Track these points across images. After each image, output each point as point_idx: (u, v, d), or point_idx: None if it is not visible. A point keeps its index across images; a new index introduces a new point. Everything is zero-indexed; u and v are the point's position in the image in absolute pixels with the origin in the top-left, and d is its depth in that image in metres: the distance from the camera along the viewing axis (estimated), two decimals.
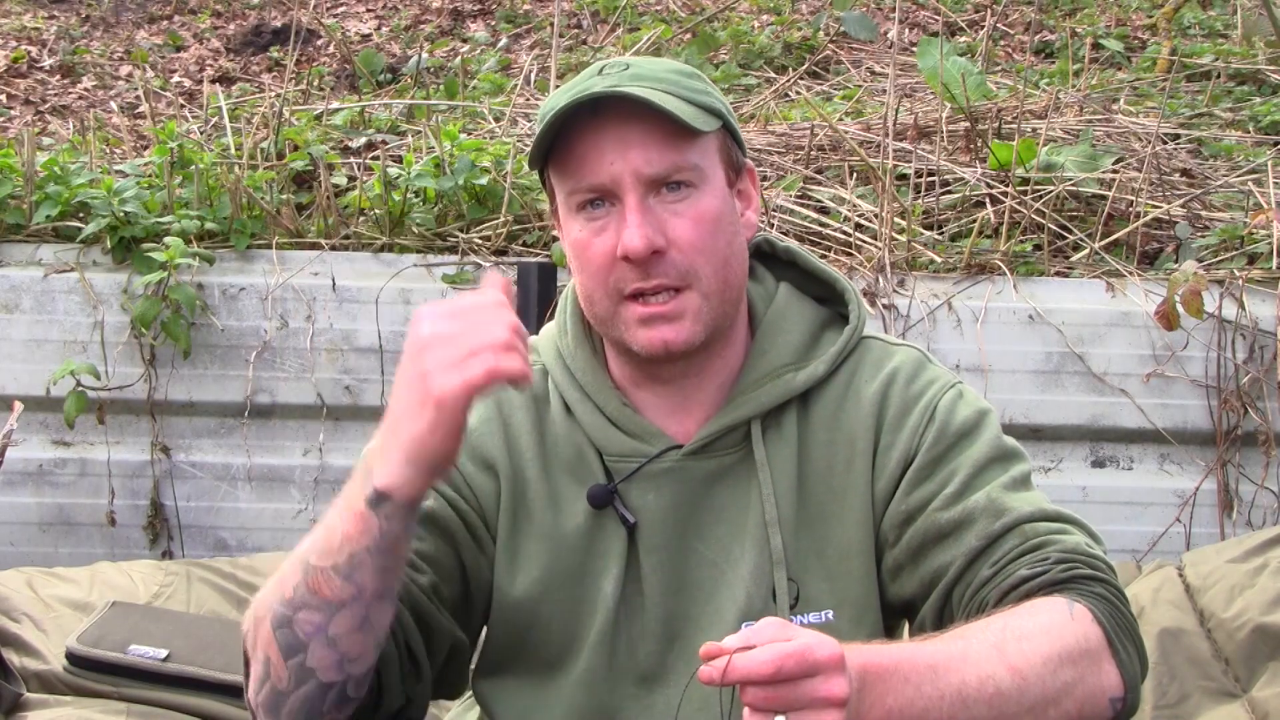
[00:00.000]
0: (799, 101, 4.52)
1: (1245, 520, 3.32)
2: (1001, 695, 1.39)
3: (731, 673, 1.27)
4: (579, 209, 1.58)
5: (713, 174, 1.59)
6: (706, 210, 1.57)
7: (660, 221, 1.55)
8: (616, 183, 1.54)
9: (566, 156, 1.56)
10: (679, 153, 1.55)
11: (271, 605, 1.46)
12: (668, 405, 1.65)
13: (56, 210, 3.47)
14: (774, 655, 1.26)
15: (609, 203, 1.56)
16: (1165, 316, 3.17)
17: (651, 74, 1.57)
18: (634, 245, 1.53)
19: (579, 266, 1.60)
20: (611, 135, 1.54)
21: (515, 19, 5.80)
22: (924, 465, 1.61)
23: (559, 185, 1.60)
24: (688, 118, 1.53)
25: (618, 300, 1.57)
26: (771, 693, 1.27)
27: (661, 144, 1.54)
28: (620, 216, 1.55)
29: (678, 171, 1.55)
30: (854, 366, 1.68)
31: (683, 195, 1.56)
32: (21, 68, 5.31)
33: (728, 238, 1.60)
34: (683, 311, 1.57)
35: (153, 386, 3.38)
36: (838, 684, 1.27)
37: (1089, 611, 1.47)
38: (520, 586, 1.64)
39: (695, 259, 1.56)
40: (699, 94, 1.59)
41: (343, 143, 4.11)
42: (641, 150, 1.53)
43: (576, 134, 1.55)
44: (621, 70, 1.57)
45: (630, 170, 1.54)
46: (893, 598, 1.64)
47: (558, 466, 1.66)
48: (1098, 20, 5.69)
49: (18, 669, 2.50)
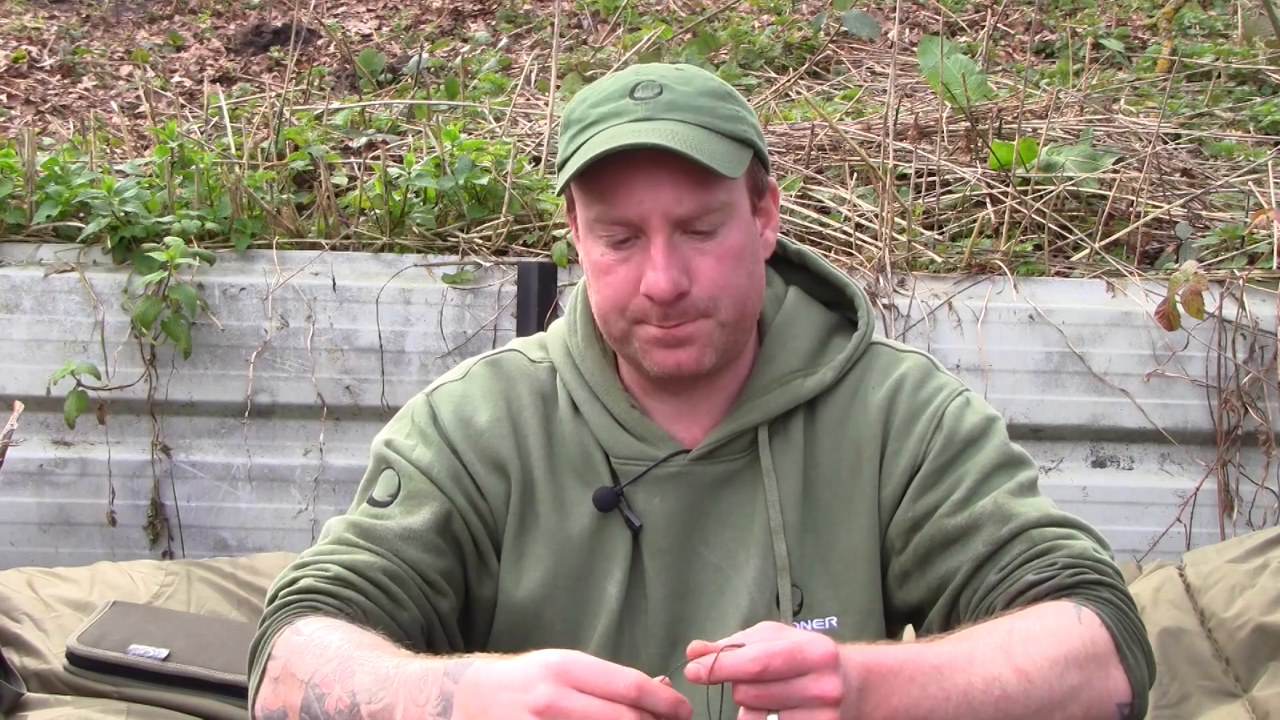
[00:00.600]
0: (799, 101, 4.52)
1: (1246, 520, 3.32)
2: (1008, 697, 1.39)
3: (718, 670, 1.27)
4: (602, 235, 1.56)
5: (739, 205, 1.57)
6: (731, 248, 1.55)
7: (685, 259, 1.53)
8: (645, 221, 1.52)
9: (593, 182, 1.53)
10: (709, 193, 1.52)
11: (309, 692, 1.44)
12: (676, 410, 1.65)
13: (57, 210, 3.46)
14: (760, 653, 1.26)
15: (635, 235, 1.54)
16: (1166, 316, 3.17)
17: (685, 101, 1.53)
18: (660, 289, 1.51)
19: (597, 287, 1.58)
20: (642, 173, 1.50)
21: (515, 19, 5.80)
22: (931, 472, 1.61)
23: (582, 205, 1.57)
24: (720, 164, 1.50)
25: (633, 323, 1.57)
26: (762, 691, 1.27)
27: (693, 184, 1.51)
28: (645, 251, 1.53)
29: (706, 214, 1.52)
30: (861, 373, 1.68)
31: (711, 234, 1.54)
32: (22, 68, 5.31)
33: (749, 268, 1.58)
34: (697, 337, 1.56)
35: (153, 386, 3.38)
36: (830, 683, 1.27)
37: (1096, 616, 1.48)
38: (525, 588, 1.64)
39: (718, 295, 1.55)
40: (732, 122, 1.55)
41: (343, 143, 4.11)
42: (673, 190, 1.51)
43: (606, 164, 1.51)
44: (655, 95, 1.53)
45: (660, 210, 1.51)
46: (899, 604, 1.64)
47: (564, 467, 1.66)
48: (1098, 20, 5.69)
49: (18, 669, 2.50)
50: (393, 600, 1.56)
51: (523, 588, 1.64)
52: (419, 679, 1.37)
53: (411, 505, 1.62)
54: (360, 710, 1.39)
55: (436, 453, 1.65)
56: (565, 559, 1.63)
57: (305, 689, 1.44)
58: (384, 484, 1.65)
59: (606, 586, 1.62)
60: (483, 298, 3.38)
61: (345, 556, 1.58)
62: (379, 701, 1.38)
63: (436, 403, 1.69)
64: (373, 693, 1.39)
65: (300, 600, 1.54)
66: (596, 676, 1.25)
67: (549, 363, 1.71)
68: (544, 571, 1.63)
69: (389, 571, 1.57)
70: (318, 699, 1.43)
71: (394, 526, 1.60)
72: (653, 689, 1.25)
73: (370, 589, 1.56)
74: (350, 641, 1.46)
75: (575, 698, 1.24)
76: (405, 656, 1.43)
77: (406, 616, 1.57)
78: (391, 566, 1.58)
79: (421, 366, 3.37)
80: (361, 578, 1.56)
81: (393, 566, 1.58)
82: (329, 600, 1.54)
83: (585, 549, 1.63)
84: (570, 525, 1.64)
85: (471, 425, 1.66)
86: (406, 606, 1.57)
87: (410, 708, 1.35)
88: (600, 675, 1.25)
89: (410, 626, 1.56)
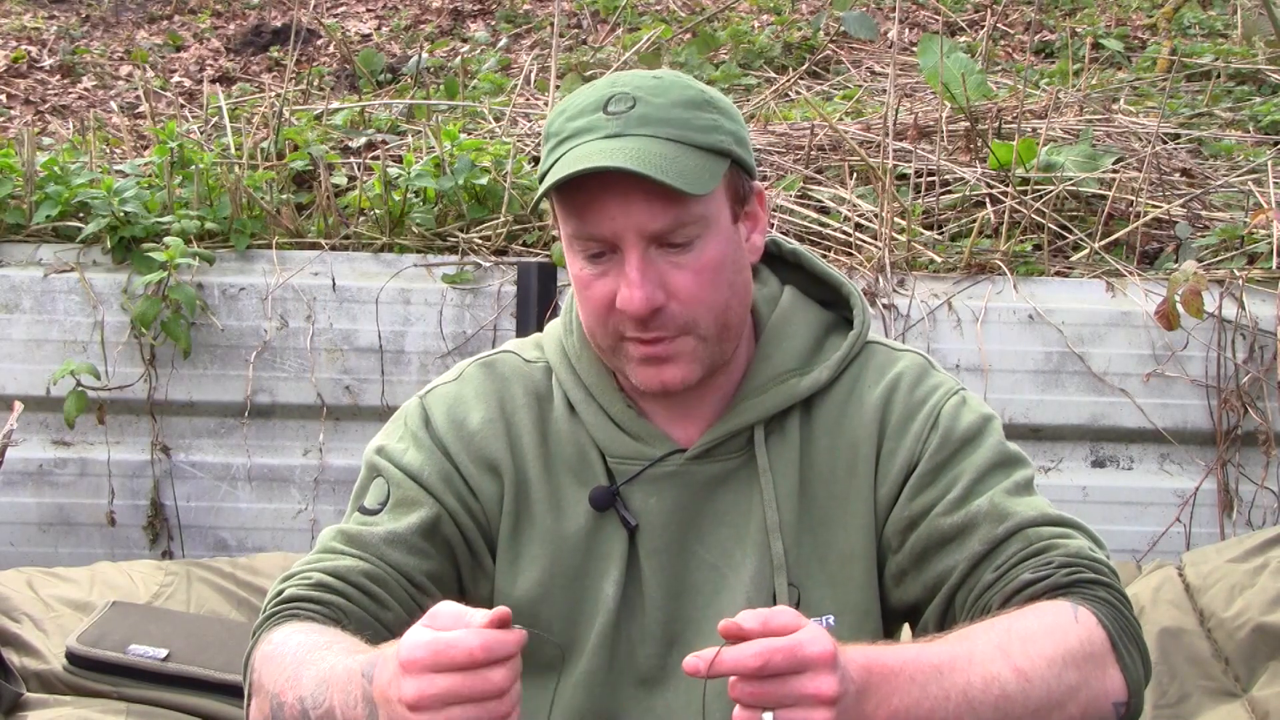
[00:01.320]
0: (799, 101, 4.52)
1: (1245, 520, 3.32)
2: (1007, 697, 1.39)
3: (719, 665, 1.27)
4: (580, 250, 1.56)
5: (718, 216, 1.55)
6: (709, 261, 1.54)
7: (661, 274, 1.53)
8: (618, 237, 1.52)
9: (569, 197, 1.53)
10: (683, 208, 1.51)
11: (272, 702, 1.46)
12: (672, 410, 1.65)
13: (56, 210, 3.47)
14: (762, 649, 1.26)
15: (611, 250, 1.53)
16: (1165, 316, 3.17)
17: (658, 114, 1.52)
18: (633, 306, 1.51)
19: (580, 300, 1.59)
20: (615, 190, 1.50)
21: (515, 19, 5.80)
22: (927, 471, 1.61)
23: (561, 220, 1.58)
24: (689, 182, 1.49)
25: (617, 338, 1.57)
26: (758, 688, 1.27)
27: (665, 202, 1.50)
28: (621, 266, 1.53)
29: (681, 227, 1.52)
30: (858, 372, 1.67)
31: (686, 247, 1.53)
32: (21, 68, 5.31)
33: (729, 279, 1.57)
34: (679, 355, 1.56)
35: (153, 386, 3.38)
36: (826, 682, 1.27)
37: (1093, 615, 1.48)
38: (521, 588, 1.64)
39: (695, 310, 1.54)
40: (707, 132, 1.54)
41: (343, 143, 4.11)
42: (645, 207, 1.50)
43: (579, 179, 1.50)
44: (628, 109, 1.52)
45: (633, 226, 1.51)
46: (895, 603, 1.64)
47: (560, 466, 1.66)
48: (1098, 20, 5.69)
49: (18, 669, 2.50)
50: (375, 601, 1.57)
51: (519, 587, 1.64)
52: (345, 679, 1.39)
53: (400, 512, 1.63)
54: (310, 715, 1.41)
55: (427, 456, 1.65)
56: (561, 558, 1.63)
57: (270, 699, 1.47)
58: (374, 492, 1.66)
59: (603, 586, 1.62)
60: (482, 298, 3.38)
61: (329, 563, 1.60)
62: (321, 706, 1.40)
63: (429, 405, 1.69)
64: (316, 696, 1.41)
65: (282, 610, 1.56)
66: (441, 652, 1.25)
67: (544, 363, 1.71)
68: (540, 571, 1.63)
69: (370, 574, 1.58)
70: (277, 708, 1.45)
71: (380, 532, 1.61)
72: (496, 641, 1.25)
73: (352, 591, 1.57)
74: (306, 644, 1.47)
75: (436, 680, 1.26)
76: (343, 653, 1.44)
77: (391, 617, 1.57)
78: (373, 569, 1.59)
79: (421, 366, 3.37)
80: (343, 581, 1.57)
81: (375, 569, 1.59)
82: (309, 606, 1.55)
83: (581, 548, 1.63)
84: (566, 525, 1.64)
85: (464, 427, 1.66)
86: (390, 607, 1.58)
87: (346, 709, 1.37)
88: (444, 650, 1.25)
89: (396, 626, 1.56)
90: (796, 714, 1.27)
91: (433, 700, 1.25)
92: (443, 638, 1.26)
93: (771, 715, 1.27)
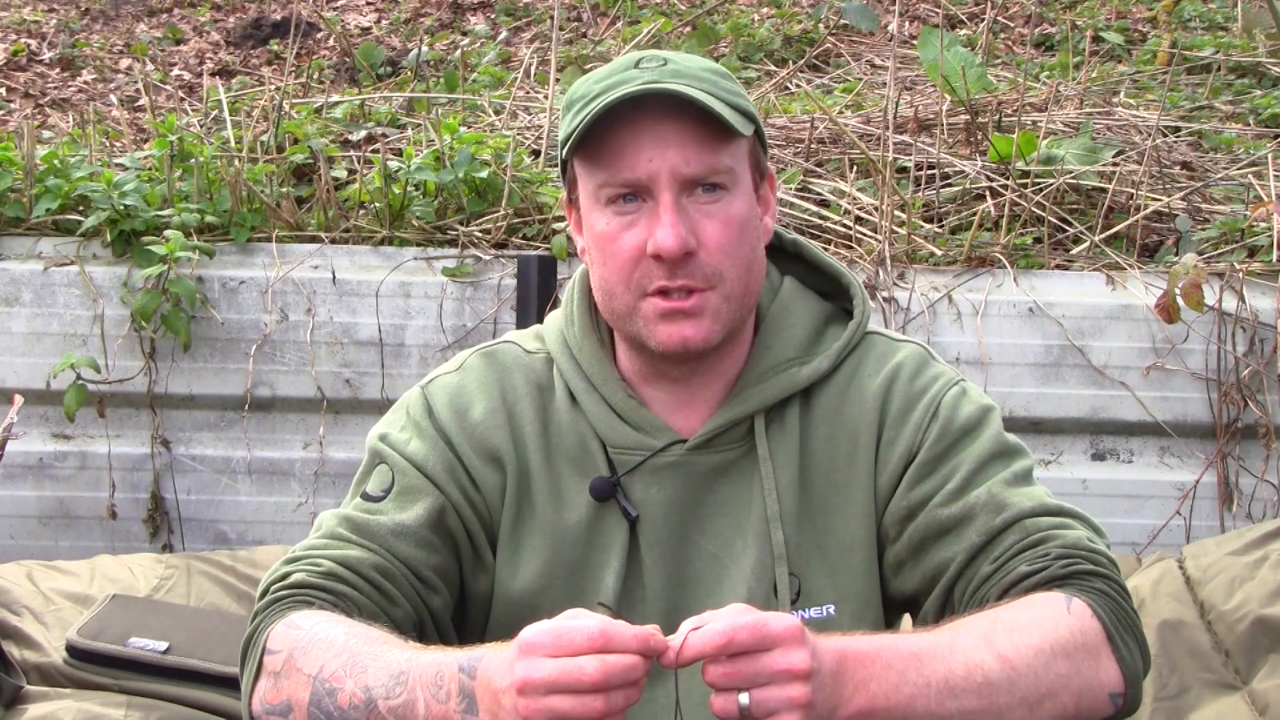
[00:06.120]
0: (799, 94, 4.52)
1: (1245, 513, 3.32)
2: (991, 685, 1.39)
3: (686, 650, 1.28)
4: (609, 202, 1.56)
5: (743, 177, 1.59)
6: (736, 214, 1.57)
7: (692, 222, 1.54)
8: (653, 180, 1.53)
9: (599, 149, 1.55)
10: (715, 154, 1.54)
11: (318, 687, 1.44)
12: (673, 400, 1.65)
13: (56, 204, 3.47)
14: (725, 627, 1.27)
15: (641, 199, 1.55)
16: (1165, 309, 3.17)
17: (690, 71, 1.56)
18: (668, 245, 1.52)
19: (602, 259, 1.59)
20: (649, 131, 1.53)
21: (515, 12, 5.79)
22: (926, 461, 1.61)
23: (586, 176, 1.58)
24: (729, 119, 1.53)
25: (639, 295, 1.57)
26: (730, 669, 1.28)
27: (699, 144, 1.53)
28: (653, 213, 1.54)
29: (713, 174, 1.55)
30: (857, 362, 1.68)
31: (716, 197, 1.55)
32: (21, 61, 5.30)
33: (752, 243, 1.60)
34: (704, 309, 1.56)
35: (153, 380, 3.38)
36: (798, 655, 1.28)
37: (1088, 606, 1.48)
38: (522, 579, 1.64)
39: (723, 261, 1.56)
40: (734, 95, 1.58)
41: (342, 136, 4.11)
42: (680, 149, 1.53)
43: (612, 127, 1.53)
44: (660, 65, 1.56)
45: (668, 169, 1.53)
46: (895, 593, 1.64)
47: (561, 457, 1.66)
48: (1098, 13, 5.68)
49: (18, 662, 2.50)
50: (385, 596, 1.57)
51: (520, 579, 1.64)
52: (434, 675, 1.38)
53: (405, 501, 1.62)
54: (378, 706, 1.40)
55: (431, 446, 1.65)
56: (562, 550, 1.63)
57: (313, 684, 1.44)
58: (378, 479, 1.65)
59: (604, 577, 1.62)
60: (483, 291, 3.38)
61: (337, 552, 1.59)
62: (397, 697, 1.39)
63: (431, 395, 1.69)
64: (389, 688, 1.40)
65: (293, 595, 1.55)
66: (559, 638, 1.28)
67: (545, 353, 1.71)
68: (541, 563, 1.63)
69: (381, 568, 1.57)
70: (328, 694, 1.43)
71: (387, 522, 1.61)
72: (616, 631, 1.28)
73: (363, 584, 1.56)
74: (355, 636, 1.46)
75: (543, 665, 1.27)
76: (414, 649, 1.44)
77: (399, 613, 1.57)
78: (383, 563, 1.58)
79: (421, 360, 3.37)
80: (354, 573, 1.56)
81: (385, 563, 1.58)
82: (322, 595, 1.54)
83: (582, 540, 1.63)
84: (567, 516, 1.64)
85: (466, 417, 1.66)
86: (399, 603, 1.57)
87: (433, 704, 1.37)
88: (562, 636, 1.28)
89: (402, 623, 1.56)
90: (771, 691, 1.28)
91: (534, 686, 1.27)
92: (569, 625, 1.30)
93: (748, 696, 1.27)
